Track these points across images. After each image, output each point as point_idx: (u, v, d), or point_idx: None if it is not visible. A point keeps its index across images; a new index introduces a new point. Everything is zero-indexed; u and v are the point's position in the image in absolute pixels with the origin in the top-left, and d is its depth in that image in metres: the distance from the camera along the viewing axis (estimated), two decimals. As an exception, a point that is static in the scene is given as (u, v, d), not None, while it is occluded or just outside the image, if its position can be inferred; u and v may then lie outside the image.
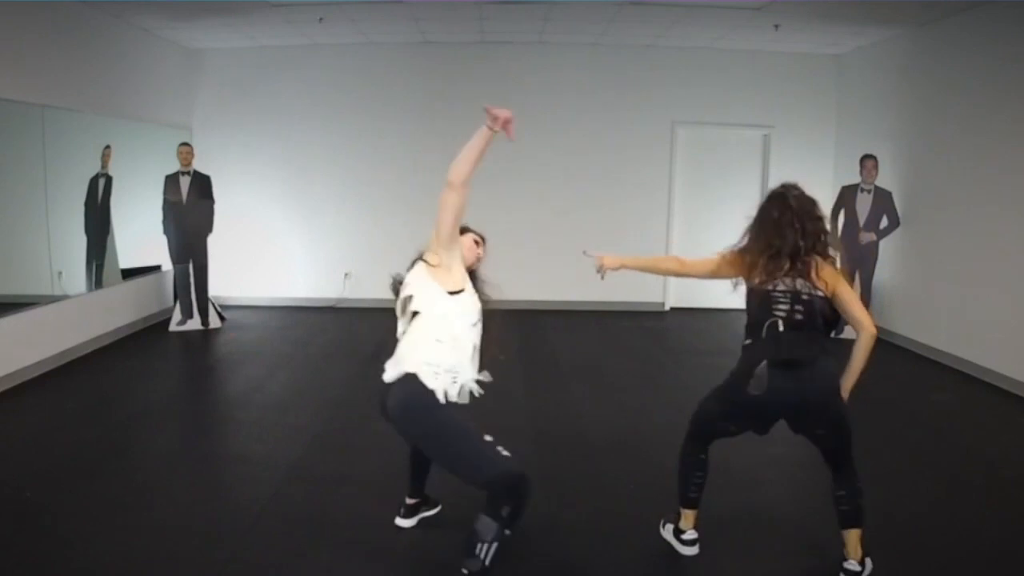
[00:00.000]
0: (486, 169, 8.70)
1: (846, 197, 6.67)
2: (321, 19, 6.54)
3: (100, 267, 6.18)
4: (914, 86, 6.44)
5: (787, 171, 8.14)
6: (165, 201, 6.56)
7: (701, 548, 2.87)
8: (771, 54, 7.65)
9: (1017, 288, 5.11)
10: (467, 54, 7.70)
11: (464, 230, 2.78)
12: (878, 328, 2.72)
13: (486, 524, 2.36)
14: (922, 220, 6.29)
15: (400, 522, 3.04)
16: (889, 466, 3.76)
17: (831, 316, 2.59)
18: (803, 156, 7.85)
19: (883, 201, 6.46)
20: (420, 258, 2.66)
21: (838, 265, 2.69)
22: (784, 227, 2.55)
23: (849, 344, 2.60)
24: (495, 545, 2.35)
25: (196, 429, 4.37)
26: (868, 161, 6.49)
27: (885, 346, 6.47)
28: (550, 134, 7.84)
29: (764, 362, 2.50)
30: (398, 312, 2.64)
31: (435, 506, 3.11)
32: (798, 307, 2.53)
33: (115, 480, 3.50)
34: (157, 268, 7.12)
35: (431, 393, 2.46)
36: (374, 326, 6.86)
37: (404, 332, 2.61)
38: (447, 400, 2.48)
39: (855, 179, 6.63)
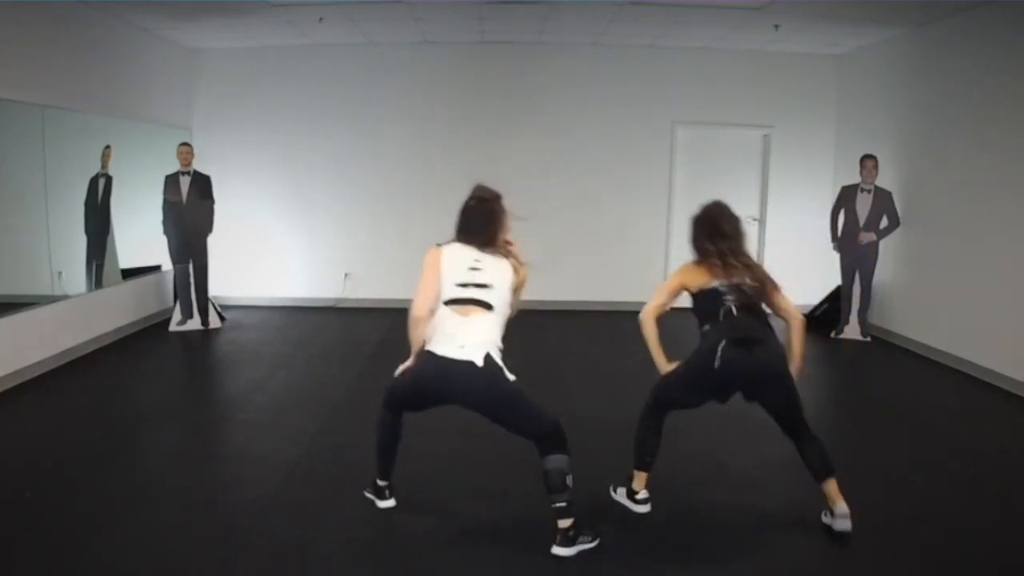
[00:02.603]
0: (486, 170, 8.68)
1: (846, 197, 6.67)
2: (321, 19, 6.54)
3: (100, 267, 6.18)
4: (914, 86, 6.44)
5: (787, 171, 8.22)
6: (165, 201, 6.56)
7: (703, 546, 2.89)
8: (771, 54, 7.65)
9: (1017, 288, 5.10)
10: (467, 54, 7.70)
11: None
12: (877, 327, 2.79)
13: (562, 459, 2.81)
14: (922, 220, 6.28)
15: (383, 504, 3.17)
16: (889, 466, 3.76)
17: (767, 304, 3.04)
18: (803, 156, 7.86)
19: (883, 201, 6.47)
20: (506, 254, 2.92)
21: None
22: (719, 240, 3.02)
23: (849, 344, 2.64)
24: None
25: (196, 429, 4.36)
26: (868, 161, 6.50)
27: (885, 346, 6.47)
28: (550, 134, 7.84)
29: (723, 340, 2.85)
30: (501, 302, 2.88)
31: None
32: (742, 294, 2.94)
33: (115, 480, 3.50)
34: (157, 268, 7.12)
35: (502, 369, 2.79)
36: (374, 326, 6.86)
37: (487, 326, 2.81)
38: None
39: (855, 179, 6.64)
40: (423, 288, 2.83)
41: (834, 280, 6.97)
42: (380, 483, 3.16)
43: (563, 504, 2.80)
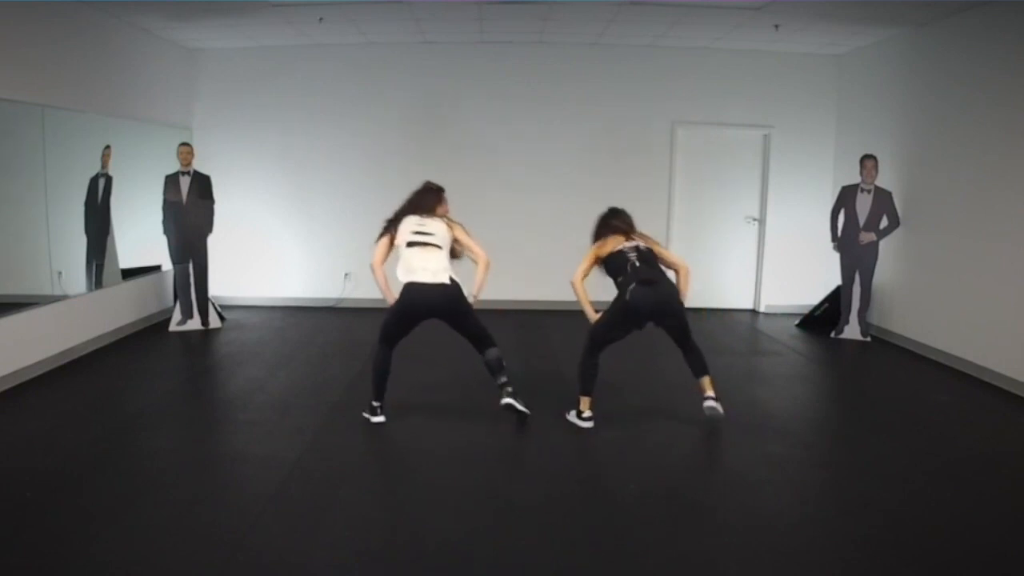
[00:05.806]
0: (485, 170, 8.60)
1: (846, 197, 6.68)
2: (321, 19, 6.54)
3: (100, 267, 6.18)
4: (914, 86, 6.44)
5: (787, 171, 8.20)
6: (165, 201, 6.56)
7: (704, 545, 2.90)
8: (771, 54, 7.65)
9: (1017, 288, 5.11)
10: (467, 54, 7.70)
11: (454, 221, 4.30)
12: (877, 327, 2.81)
13: (496, 350, 4.14)
14: (922, 220, 6.29)
15: (376, 419, 4.19)
16: (889, 466, 3.76)
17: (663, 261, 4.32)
18: (803, 156, 7.86)
19: (883, 201, 6.47)
20: (442, 217, 4.24)
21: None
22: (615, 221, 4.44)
23: (849, 344, 2.65)
24: None
25: (196, 429, 4.36)
26: (868, 161, 6.50)
27: (885, 346, 6.48)
28: (549, 134, 7.84)
29: (633, 283, 4.01)
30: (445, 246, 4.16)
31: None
32: (640, 252, 4.20)
33: (115, 480, 3.50)
34: (157, 268, 7.12)
35: (460, 287, 4.11)
36: (374, 326, 6.83)
37: (440, 259, 4.09)
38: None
39: (855, 179, 6.64)
40: (379, 246, 4.24)
41: (834, 280, 6.97)
42: (374, 403, 4.20)
43: (504, 379, 4.11)
